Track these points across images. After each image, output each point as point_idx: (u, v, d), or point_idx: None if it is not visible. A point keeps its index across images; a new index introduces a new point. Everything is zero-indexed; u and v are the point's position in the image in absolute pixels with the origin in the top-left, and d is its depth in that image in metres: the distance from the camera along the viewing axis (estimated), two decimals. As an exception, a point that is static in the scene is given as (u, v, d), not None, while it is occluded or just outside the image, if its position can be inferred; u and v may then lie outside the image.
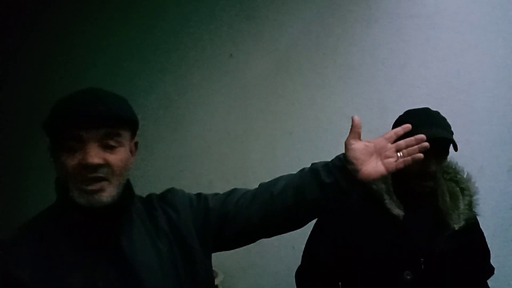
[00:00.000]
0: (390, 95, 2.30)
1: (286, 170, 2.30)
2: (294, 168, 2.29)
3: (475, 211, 1.57)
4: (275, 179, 1.24)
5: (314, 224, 1.62)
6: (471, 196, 1.56)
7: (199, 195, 1.23)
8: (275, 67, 2.42)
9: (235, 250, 1.25)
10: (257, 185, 1.26)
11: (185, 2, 2.50)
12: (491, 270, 1.66)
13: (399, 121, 1.57)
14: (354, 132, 1.17)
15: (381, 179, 1.48)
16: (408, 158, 1.12)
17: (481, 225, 1.64)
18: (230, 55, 2.46)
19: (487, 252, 1.66)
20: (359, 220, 1.54)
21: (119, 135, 1.08)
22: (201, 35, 2.48)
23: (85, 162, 1.02)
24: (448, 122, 1.52)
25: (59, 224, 1.08)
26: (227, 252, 1.25)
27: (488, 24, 2.25)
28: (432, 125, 1.45)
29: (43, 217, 1.14)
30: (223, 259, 1.58)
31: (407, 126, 1.15)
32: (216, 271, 2.05)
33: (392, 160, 1.13)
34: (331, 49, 2.37)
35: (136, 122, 1.15)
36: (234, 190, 1.24)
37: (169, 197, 1.21)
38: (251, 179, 2.35)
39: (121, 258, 1.07)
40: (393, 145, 1.14)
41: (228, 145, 2.42)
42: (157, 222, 1.16)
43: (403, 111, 2.20)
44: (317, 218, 1.62)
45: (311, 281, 1.61)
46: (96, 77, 2.48)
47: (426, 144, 1.13)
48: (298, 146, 2.36)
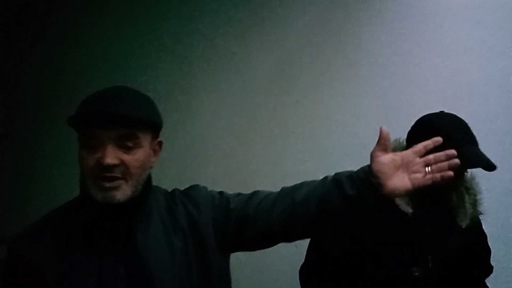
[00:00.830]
0: (395, 95, 2.29)
1: (289, 168, 2.35)
2: (297, 167, 2.34)
3: (479, 210, 1.58)
4: (297, 185, 1.21)
5: None
6: (475, 195, 1.57)
7: (221, 194, 1.24)
8: (279, 65, 2.41)
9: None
10: (260, 183, 1.27)
11: (189, 0, 2.50)
12: (490, 269, 1.69)
13: (434, 132, 1.50)
14: (381, 144, 1.10)
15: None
16: (437, 175, 1.07)
17: (484, 225, 1.66)
18: (234, 53, 2.46)
19: (489, 251, 1.68)
20: (368, 216, 1.53)
21: (137, 137, 1.10)
22: (204, 32, 2.48)
23: (102, 162, 1.05)
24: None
25: (76, 218, 1.13)
26: (231, 252, 1.26)
27: (493, 22, 2.24)
28: (472, 143, 1.45)
29: (64, 209, 1.19)
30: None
31: (438, 140, 1.10)
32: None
33: (420, 175, 1.07)
34: (335, 48, 2.36)
35: (157, 123, 1.16)
36: (256, 192, 1.23)
37: (192, 193, 1.23)
38: (254, 177, 2.36)
39: (133, 253, 1.10)
40: (422, 160, 1.08)
41: (231, 143, 2.42)
42: (175, 218, 1.18)
43: (408, 111, 2.23)
44: None
45: (317, 278, 1.61)
46: (100, 75, 2.48)
47: (457, 161, 1.07)
48: (302, 144, 2.36)
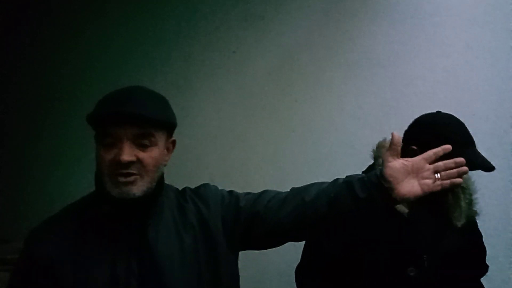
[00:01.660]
0: (394, 94, 2.29)
1: (288, 168, 2.35)
2: (296, 166, 2.34)
3: (475, 209, 1.58)
4: (307, 185, 1.23)
5: None
6: (470, 195, 1.57)
7: (231, 193, 1.27)
8: (278, 64, 2.41)
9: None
10: (259, 182, 1.28)
11: (187, 0, 2.50)
12: (486, 268, 1.69)
13: (434, 133, 1.50)
14: (393, 149, 1.14)
15: None
16: (447, 182, 1.12)
17: (480, 224, 1.66)
18: (233, 52, 2.46)
19: (484, 251, 1.68)
20: (364, 216, 1.54)
21: (153, 135, 1.14)
22: (204, 31, 2.48)
23: (118, 159, 1.09)
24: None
25: (91, 213, 1.17)
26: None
27: (491, 22, 2.24)
28: (471, 145, 1.47)
29: (80, 204, 1.22)
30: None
31: (448, 148, 1.13)
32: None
33: (430, 181, 1.12)
34: (334, 47, 2.36)
35: (172, 123, 1.22)
36: (265, 191, 1.26)
37: (202, 192, 1.27)
38: (253, 176, 2.36)
39: (145, 248, 1.13)
40: (431, 166, 1.12)
41: (230, 142, 2.42)
42: (186, 215, 1.22)
43: (406, 110, 2.23)
44: None
45: (313, 277, 1.61)
46: (99, 74, 2.48)
47: (466, 169, 1.12)
48: (301, 144, 2.36)
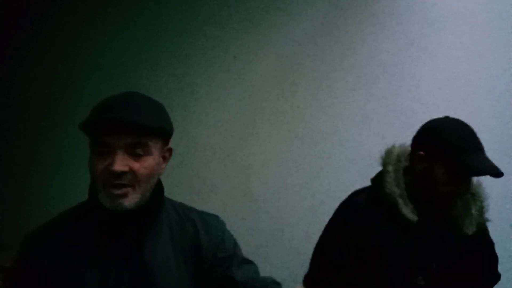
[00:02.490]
0: (397, 100, 2.28)
1: (290, 174, 2.33)
2: (298, 173, 2.31)
3: (486, 216, 1.55)
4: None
5: (324, 228, 1.61)
6: (481, 202, 1.54)
7: (234, 251, 1.26)
8: (279, 69, 2.40)
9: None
10: (260, 188, 1.26)
11: (189, 4, 2.49)
12: (497, 277, 1.65)
13: (439, 139, 1.47)
14: None
15: (395, 183, 1.48)
16: None
17: (491, 231, 1.63)
18: (234, 57, 2.44)
19: (496, 259, 1.65)
20: (372, 224, 1.51)
21: (146, 145, 1.10)
22: (205, 36, 2.47)
23: (111, 169, 1.05)
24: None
25: (85, 221, 1.14)
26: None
27: (496, 28, 2.23)
28: (477, 150, 1.42)
29: (74, 211, 1.20)
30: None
31: None
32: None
33: None
34: (337, 52, 2.35)
35: (168, 131, 1.16)
36: (256, 274, 1.28)
37: (210, 223, 1.25)
38: (254, 182, 2.34)
39: (139, 263, 1.12)
40: None
41: (231, 148, 2.40)
42: (185, 236, 1.20)
43: (410, 115, 2.22)
44: (328, 222, 1.62)
45: (320, 286, 1.58)
46: (100, 77, 2.47)
47: None
48: (303, 149, 2.34)
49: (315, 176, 2.31)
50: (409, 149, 1.55)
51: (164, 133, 1.15)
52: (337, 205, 1.61)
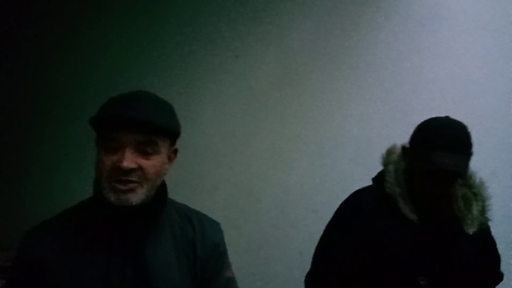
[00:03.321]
0: (400, 98, 2.27)
1: (293, 173, 2.32)
2: (301, 172, 2.30)
3: (487, 216, 1.54)
4: None
5: (325, 228, 1.61)
6: (483, 201, 1.54)
7: (220, 271, 1.23)
8: (282, 68, 2.39)
9: (240, 257, 1.24)
10: (262, 188, 1.25)
11: (191, 3, 2.48)
12: (500, 276, 1.65)
13: (419, 134, 1.49)
14: None
15: (395, 182, 1.47)
16: None
17: (493, 231, 1.63)
18: (236, 56, 2.44)
19: (498, 258, 1.65)
20: (374, 223, 1.51)
21: (156, 143, 1.11)
22: (207, 36, 2.46)
23: (119, 165, 1.06)
24: (470, 140, 1.43)
25: (88, 218, 1.14)
26: (232, 260, 1.26)
27: (498, 28, 2.23)
28: (447, 149, 1.38)
29: (77, 208, 1.20)
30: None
31: None
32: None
33: None
34: (339, 51, 2.34)
35: (177, 132, 1.19)
36: None
37: (208, 230, 1.24)
38: (256, 182, 2.34)
39: (141, 263, 1.12)
40: None
41: (234, 148, 2.39)
42: (186, 239, 1.20)
43: (413, 115, 2.20)
44: (330, 221, 1.61)
45: (322, 286, 1.58)
46: (101, 77, 2.47)
47: None
48: (306, 149, 2.33)
49: (318, 176, 2.30)
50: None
51: (173, 133, 1.17)
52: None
